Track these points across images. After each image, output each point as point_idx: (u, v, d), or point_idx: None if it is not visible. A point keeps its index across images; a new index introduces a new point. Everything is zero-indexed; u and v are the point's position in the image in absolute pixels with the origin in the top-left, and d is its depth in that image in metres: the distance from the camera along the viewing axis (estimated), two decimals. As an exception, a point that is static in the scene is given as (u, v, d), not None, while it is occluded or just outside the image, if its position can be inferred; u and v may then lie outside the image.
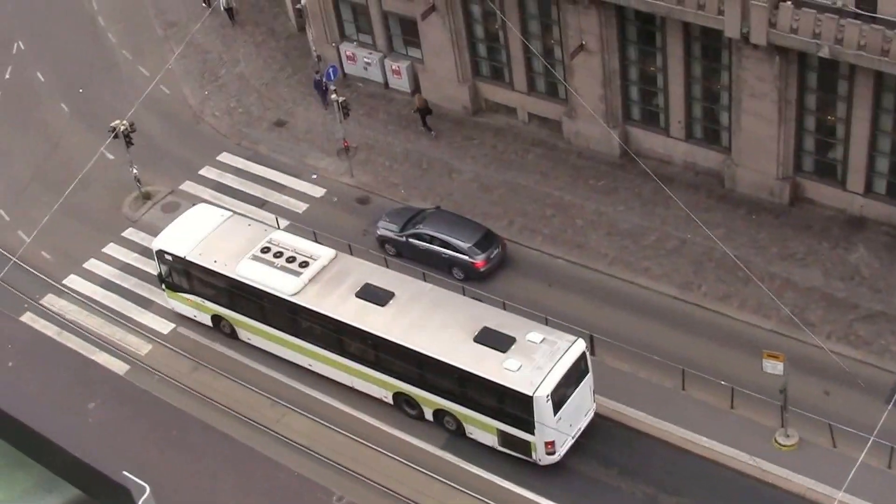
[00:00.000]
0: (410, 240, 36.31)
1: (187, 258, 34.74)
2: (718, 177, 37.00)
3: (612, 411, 31.51)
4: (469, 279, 35.43)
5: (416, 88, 42.64)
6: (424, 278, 34.45)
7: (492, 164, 39.76)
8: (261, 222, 36.92)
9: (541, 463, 30.33)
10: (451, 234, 35.88)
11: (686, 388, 31.50)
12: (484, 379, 29.53)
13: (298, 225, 38.11)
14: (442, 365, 30.29)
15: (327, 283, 32.78)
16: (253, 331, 34.93)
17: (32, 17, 52.37)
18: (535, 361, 29.34)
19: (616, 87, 37.07)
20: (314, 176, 41.07)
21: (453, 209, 37.72)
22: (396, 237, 36.68)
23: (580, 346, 29.94)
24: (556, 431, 29.42)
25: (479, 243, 35.68)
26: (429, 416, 32.05)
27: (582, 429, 30.77)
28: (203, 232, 35.28)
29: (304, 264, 33.12)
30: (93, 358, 35.00)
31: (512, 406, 29.51)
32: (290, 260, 33.32)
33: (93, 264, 38.79)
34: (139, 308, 37.15)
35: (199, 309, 35.87)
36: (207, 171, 42.04)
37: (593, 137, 38.45)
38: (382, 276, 32.93)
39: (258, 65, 46.47)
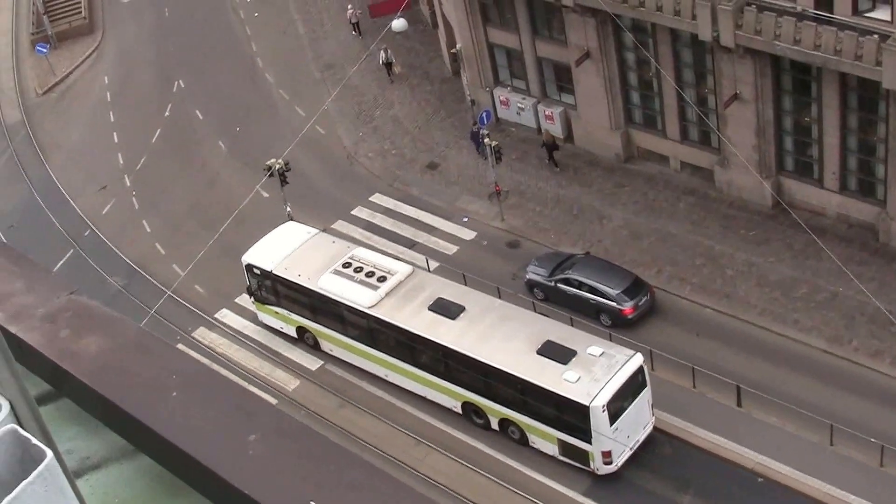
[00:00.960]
0: (559, 285, 39.52)
1: (274, 272, 39.72)
2: (872, 230, 39.30)
3: (757, 464, 33.83)
4: (616, 326, 38.36)
5: (569, 134, 46.30)
6: (572, 323, 37.74)
7: (642, 211, 42.99)
8: (345, 241, 41.45)
9: (598, 472, 33.87)
10: (599, 280, 38.93)
11: (834, 443, 33.58)
12: (544, 389, 33.22)
13: (448, 267, 41.86)
14: (506, 376, 34.12)
15: (403, 296, 37.10)
16: (334, 342, 39.76)
17: (193, 56, 58.24)
18: (594, 373, 32.99)
19: (770, 137, 39.88)
20: (465, 219, 44.89)
21: (603, 255, 40.90)
22: (545, 282, 39.98)
23: (637, 360, 33.48)
24: (613, 441, 32.89)
25: (627, 290, 38.59)
26: (494, 425, 35.98)
27: (640, 441, 34.07)
28: (290, 247, 40.20)
29: (382, 279, 37.64)
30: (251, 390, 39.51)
31: (570, 416, 33.18)
32: (369, 275, 37.85)
33: (244, 299, 43.04)
34: (287, 344, 41.32)
35: (285, 321, 40.98)
36: (360, 212, 46.38)
37: (745, 187, 41.32)
38: (455, 291, 37.32)
39: (412, 108, 50.89)
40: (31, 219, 50.19)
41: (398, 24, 47.96)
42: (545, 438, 34.64)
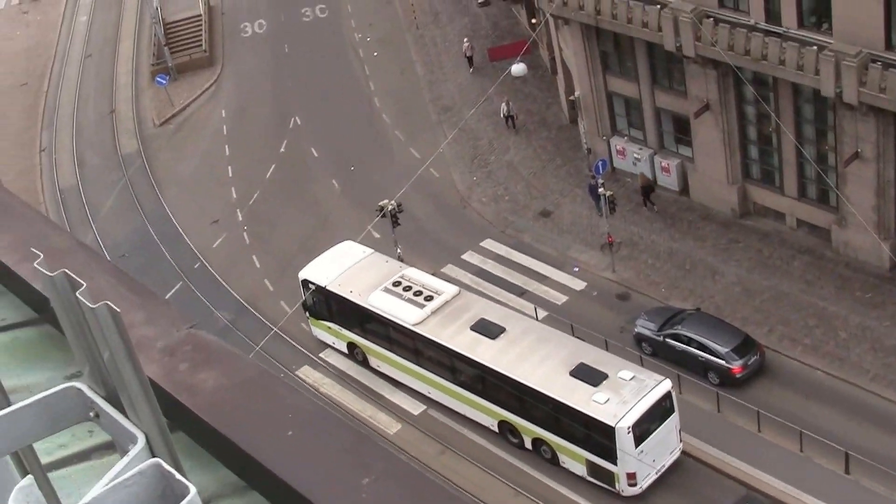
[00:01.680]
0: (668, 340, 41.28)
1: (327, 288, 43.51)
2: None
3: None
4: (724, 385, 40.00)
5: (685, 187, 48.36)
6: (679, 380, 39.60)
7: (756, 268, 44.74)
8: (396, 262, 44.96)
9: (623, 494, 36.43)
10: (709, 337, 40.59)
11: (945, 516, 34.99)
12: (574, 410, 36.31)
13: (556, 316, 44.02)
14: (539, 395, 37.26)
15: (447, 315, 40.65)
16: (381, 358, 43.45)
17: (311, 93, 61.79)
18: (622, 396, 35.90)
19: (890, 197, 41.32)
20: (576, 269, 47.10)
21: (714, 312, 42.65)
22: (654, 336, 41.83)
23: (666, 385, 36.30)
24: (638, 463, 35.61)
25: (737, 349, 40.20)
26: (528, 444, 39.13)
27: (667, 466, 36.62)
28: (344, 265, 44.14)
29: (429, 298, 41.23)
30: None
31: (598, 436, 36.08)
32: (417, 294, 41.50)
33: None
34: (390, 387, 43.72)
35: (337, 336, 44.92)
36: (470, 256, 48.92)
37: (863, 248, 42.82)
38: (498, 313, 40.69)
39: (528, 154, 53.45)
40: (143, 249, 53.84)
41: (517, 68, 50.62)
42: (574, 458, 37.85)
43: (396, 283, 42.14)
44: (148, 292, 5.27)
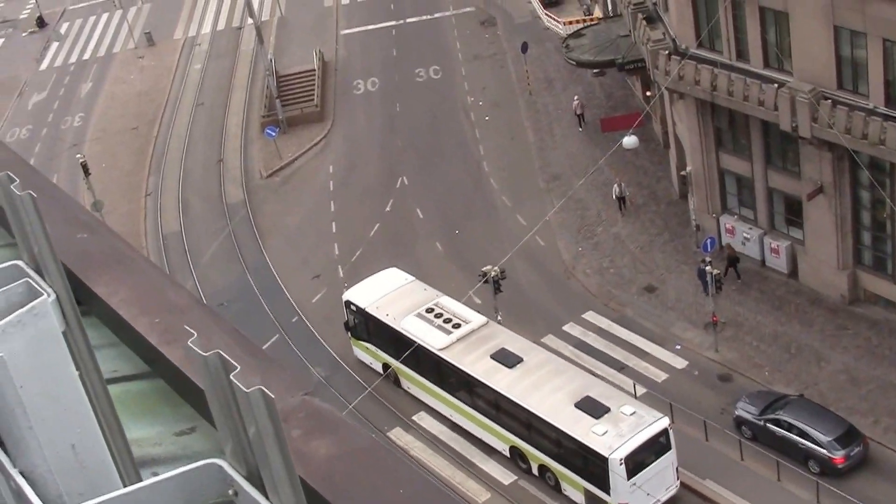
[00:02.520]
0: (768, 425, 41.73)
1: (367, 310, 48.09)
2: None
3: None
4: (825, 475, 40.33)
5: (794, 270, 49.07)
6: (778, 467, 40.15)
7: (864, 357, 45.20)
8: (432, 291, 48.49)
9: None
10: (811, 424, 40.94)
11: None
12: (574, 439, 39.84)
13: (654, 394, 44.93)
14: (544, 423, 40.94)
15: (472, 343, 44.76)
16: (410, 380, 47.43)
17: (420, 154, 63.74)
18: (620, 429, 39.28)
19: None
20: (678, 347, 47.95)
21: (818, 399, 43.13)
22: (754, 420, 42.30)
23: (663, 423, 39.51)
24: (631, 494, 38.56)
25: (840, 438, 40.45)
26: (535, 470, 42.64)
27: (662, 501, 39.00)
28: (385, 290, 48.77)
29: (457, 325, 45.51)
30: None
31: (594, 466, 39.50)
32: (447, 321, 45.82)
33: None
34: (482, 455, 44.77)
35: (374, 357, 49.02)
36: (571, 328, 50.01)
37: (977, 344, 43.23)
38: (519, 344, 44.35)
39: (635, 227, 54.60)
40: (242, 299, 55.83)
41: (629, 140, 51.95)
42: (574, 487, 41.23)
43: (430, 310, 46.71)
44: (264, 355, 5.49)
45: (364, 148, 66.61)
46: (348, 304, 49.23)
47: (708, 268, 45.86)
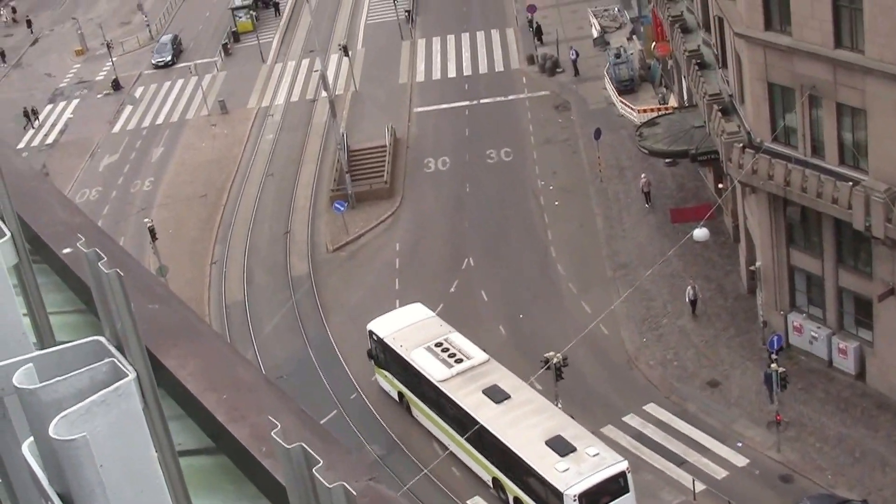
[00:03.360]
0: (830, 529, 42.37)
1: (384, 340, 52.72)
2: None
3: None
4: (882, 583, 40.86)
5: (861, 371, 49.39)
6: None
7: (930, 465, 45.44)
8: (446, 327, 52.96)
9: None
10: (873, 530, 41.64)
11: None
12: (538, 474, 43.40)
13: (713, 491, 45.35)
14: (516, 457, 44.49)
15: (469, 378, 48.87)
16: (418, 409, 51.45)
17: (487, 235, 64.89)
18: (580, 468, 42.62)
19: None
20: (739, 444, 48.30)
21: (880, 505, 43.61)
22: (816, 523, 42.88)
23: (622, 465, 42.80)
24: None
25: (902, 547, 41.15)
26: (511, 502, 45.88)
27: None
28: (405, 322, 53.52)
29: (459, 360, 49.87)
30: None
31: (553, 501, 42.62)
32: (451, 355, 50.24)
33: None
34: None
35: (391, 385, 53.32)
36: (631, 419, 50.54)
37: None
38: (510, 382, 48.21)
39: (701, 321, 55.19)
40: (302, 372, 56.94)
41: (700, 233, 52.68)
42: None
43: (438, 344, 51.30)
44: (331, 438, 5.56)
45: (431, 227, 67.86)
46: (371, 333, 54.01)
47: (773, 365, 46.31)
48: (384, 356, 53.22)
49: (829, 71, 44.75)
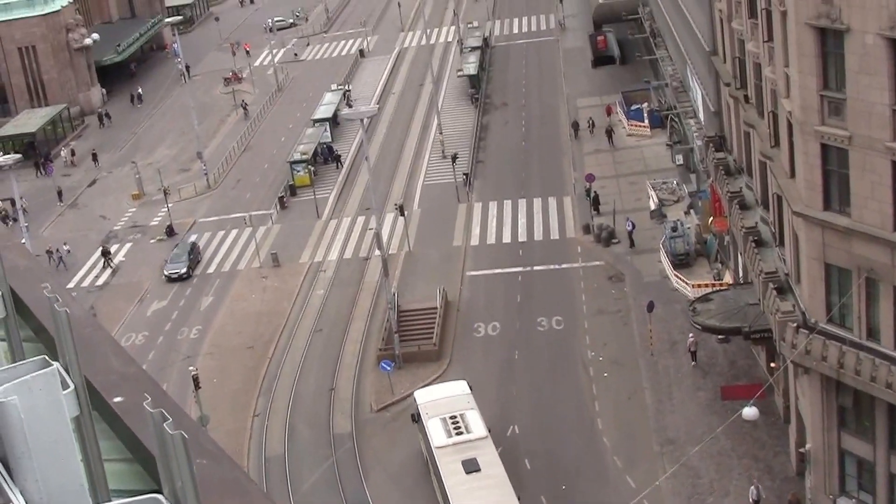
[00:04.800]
0: None
1: (419, 406, 60.55)
2: None
3: None
4: None
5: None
6: None
7: None
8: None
9: None
10: None
11: None
12: None
13: None
14: None
15: (461, 449, 55.57)
16: (433, 471, 56.98)
17: (533, 404, 65.80)
18: None
19: None
20: None
21: None
22: None
23: None
24: None
25: None
26: None
27: None
28: (442, 395, 61.51)
29: (460, 433, 56.76)
30: None
31: None
32: (456, 427, 57.24)
33: None
34: None
35: (423, 446, 60.16)
36: None
37: None
38: (488, 458, 54.86)
39: (747, 501, 55.45)
40: (338, 532, 57.57)
41: (750, 412, 53.26)
42: None
43: (453, 417, 58.22)
44: None
45: (478, 392, 68.45)
46: (415, 399, 62.44)
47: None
48: (418, 421, 60.82)
49: (888, 254, 45.81)
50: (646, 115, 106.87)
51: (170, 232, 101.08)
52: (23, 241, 79.82)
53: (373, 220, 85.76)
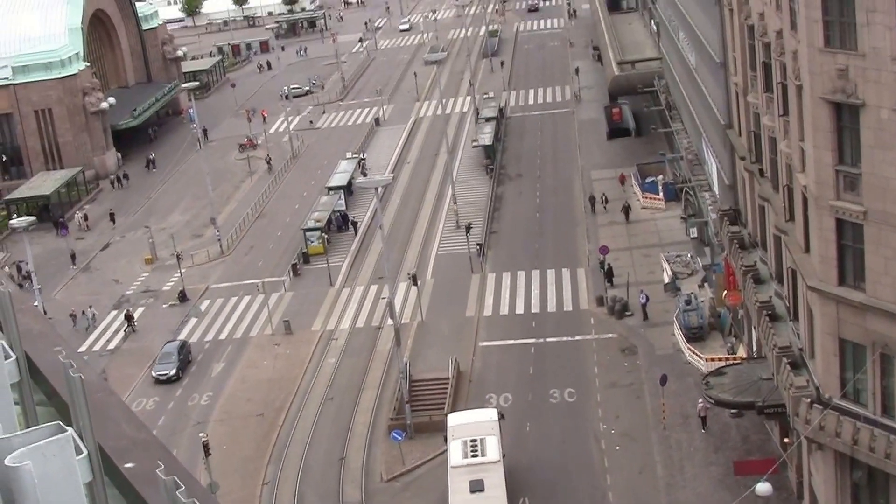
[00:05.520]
0: None
1: (448, 428, 65.42)
2: None
3: None
4: None
5: None
6: None
7: None
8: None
9: None
10: None
11: None
12: None
13: None
14: None
15: (472, 469, 60.64)
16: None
17: (545, 477, 65.78)
18: None
19: None
20: None
21: None
22: None
23: None
24: None
25: None
26: None
27: None
28: (471, 420, 65.74)
29: (475, 455, 61.49)
30: None
31: None
32: (473, 450, 61.88)
33: None
34: None
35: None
36: None
37: None
38: (494, 481, 59.75)
39: (761, 577, 55.43)
40: None
41: (763, 488, 53.24)
42: None
43: (473, 440, 62.72)
44: None
45: (489, 462, 68.83)
46: (446, 422, 66.94)
47: None
48: (446, 442, 65.27)
49: (902, 330, 46.11)
50: (661, 187, 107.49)
51: (182, 297, 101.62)
52: (35, 303, 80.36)
53: (386, 289, 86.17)
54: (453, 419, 66.42)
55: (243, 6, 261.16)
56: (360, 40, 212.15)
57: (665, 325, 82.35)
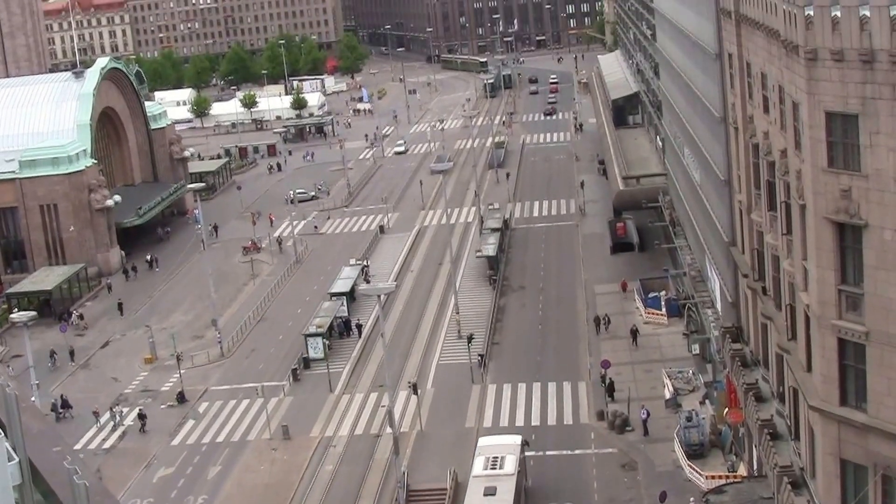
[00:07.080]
0: None
1: (477, 447, 74.81)
2: None
3: None
4: None
5: None
6: None
7: None
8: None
9: None
10: None
11: None
12: None
13: None
14: None
15: (490, 478, 68.43)
16: None
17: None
18: None
19: None
20: None
21: None
22: None
23: None
24: None
25: None
26: None
27: None
28: (498, 442, 75.16)
29: (494, 467, 69.66)
30: None
31: None
32: (493, 464, 70.24)
33: None
34: None
35: None
36: None
37: None
38: (506, 487, 67.33)
39: None
40: None
41: None
42: None
43: (495, 457, 71.11)
44: None
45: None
46: (477, 443, 76.59)
47: None
48: (473, 460, 73.29)
49: (904, 451, 46.38)
50: (663, 303, 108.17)
51: (181, 398, 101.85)
52: (32, 399, 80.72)
53: (386, 397, 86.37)
54: (483, 441, 76.38)
55: (252, 109, 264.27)
56: (371, 144, 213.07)
57: (666, 441, 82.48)
